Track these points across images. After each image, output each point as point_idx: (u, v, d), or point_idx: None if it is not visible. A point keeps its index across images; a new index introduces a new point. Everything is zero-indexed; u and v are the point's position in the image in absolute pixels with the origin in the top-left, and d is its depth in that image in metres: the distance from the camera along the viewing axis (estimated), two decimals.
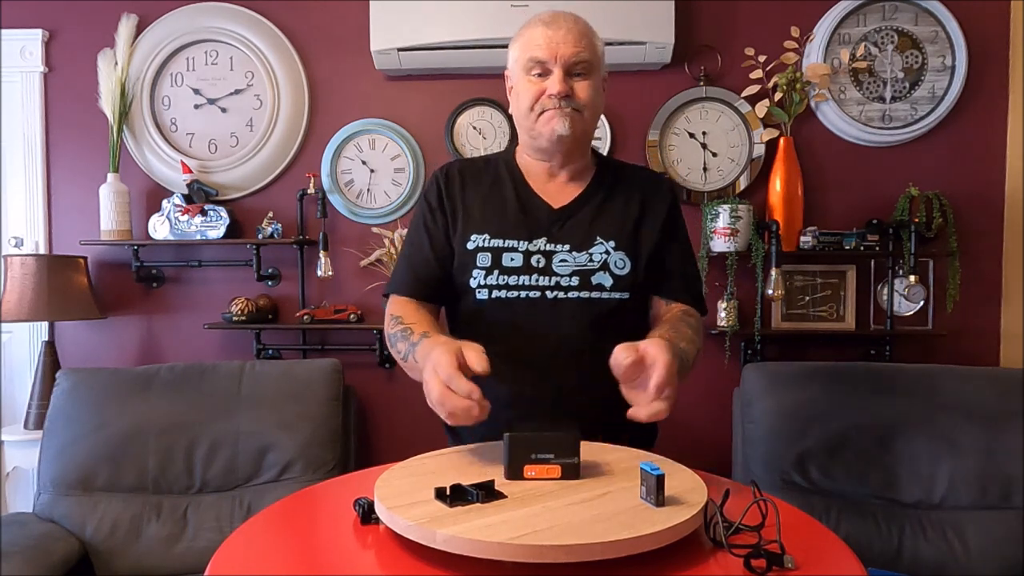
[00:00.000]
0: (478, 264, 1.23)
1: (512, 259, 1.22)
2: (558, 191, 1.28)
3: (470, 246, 1.24)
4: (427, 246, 1.28)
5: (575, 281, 1.21)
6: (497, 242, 1.23)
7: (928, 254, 2.30)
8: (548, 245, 1.23)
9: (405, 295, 1.28)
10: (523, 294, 1.21)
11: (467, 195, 1.29)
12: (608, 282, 1.22)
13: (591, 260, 1.22)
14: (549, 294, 1.21)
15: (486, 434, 1.06)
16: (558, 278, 1.21)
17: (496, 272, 1.22)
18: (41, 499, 1.96)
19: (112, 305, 2.51)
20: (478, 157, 1.40)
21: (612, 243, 1.23)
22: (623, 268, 1.23)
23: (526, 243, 1.23)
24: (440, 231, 1.28)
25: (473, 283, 1.23)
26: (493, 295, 1.22)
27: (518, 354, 1.18)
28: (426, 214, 1.30)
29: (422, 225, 1.30)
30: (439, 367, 0.94)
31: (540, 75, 1.20)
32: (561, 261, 1.22)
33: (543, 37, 1.19)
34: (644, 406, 0.94)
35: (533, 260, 1.22)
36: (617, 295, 1.22)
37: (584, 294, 1.21)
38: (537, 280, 1.21)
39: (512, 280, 1.21)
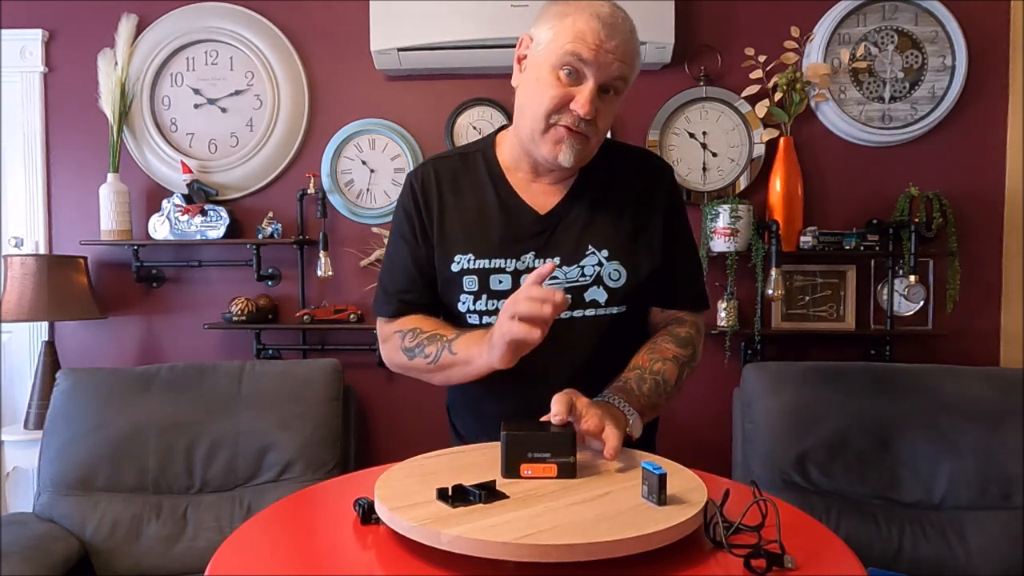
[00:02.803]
0: (465, 288, 1.16)
1: (500, 281, 1.15)
2: (544, 191, 1.19)
3: (455, 268, 1.16)
4: (411, 264, 1.21)
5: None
6: (483, 263, 1.15)
7: (928, 254, 2.30)
8: (536, 261, 1.14)
9: (396, 319, 1.23)
10: None
11: (445, 206, 1.19)
12: (603, 297, 1.15)
13: (583, 275, 1.14)
14: None
15: (487, 437, 1.06)
16: None
17: (484, 296, 1.15)
18: (41, 499, 1.96)
19: (112, 305, 2.51)
20: (455, 153, 1.26)
21: (605, 252, 1.15)
22: (618, 280, 1.15)
23: (513, 261, 1.15)
24: (421, 249, 1.20)
25: (462, 307, 1.17)
26: (483, 321, 1.16)
27: (512, 379, 1.12)
28: (404, 226, 1.21)
29: (402, 239, 1.22)
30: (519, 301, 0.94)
31: (571, 76, 1.06)
32: (551, 279, 1.14)
33: (595, 38, 1.04)
34: (607, 446, 0.94)
35: (522, 280, 1.09)
36: (613, 310, 1.16)
37: (578, 313, 1.14)
38: None
39: (502, 304, 1.11)
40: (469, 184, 1.21)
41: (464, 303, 1.17)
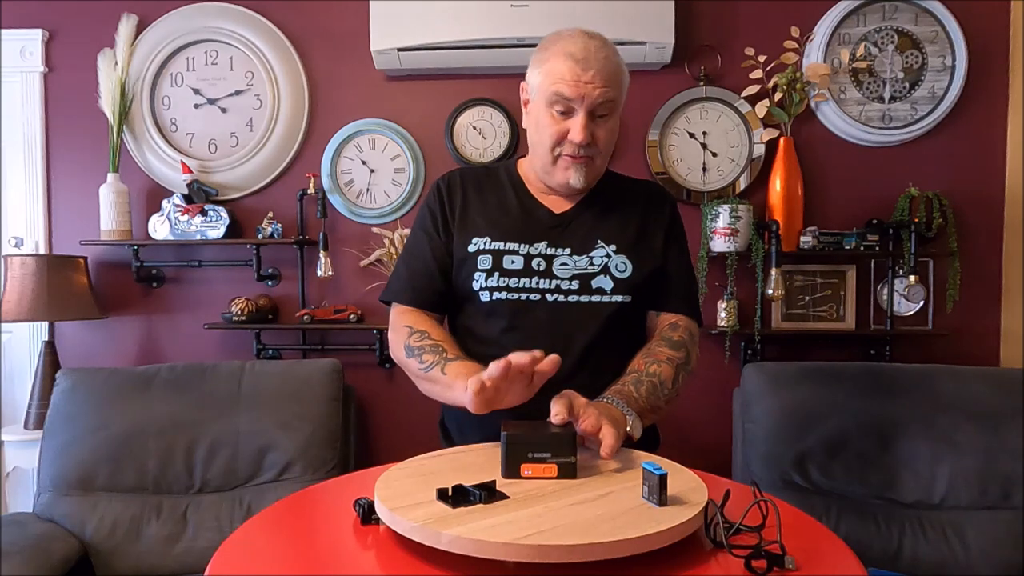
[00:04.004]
0: (479, 266, 1.23)
1: (513, 261, 1.22)
2: (559, 200, 1.29)
3: (471, 248, 1.24)
4: (428, 254, 1.28)
5: (575, 285, 1.21)
6: (498, 245, 1.23)
7: (928, 254, 2.30)
8: (549, 249, 1.23)
9: (409, 304, 1.28)
10: (523, 296, 1.21)
11: (468, 200, 1.29)
12: (608, 285, 1.22)
13: (591, 264, 1.23)
14: (549, 297, 1.21)
15: (481, 437, 1.07)
16: (558, 281, 1.21)
17: (497, 274, 1.22)
18: (41, 499, 1.96)
19: (112, 305, 2.51)
20: (479, 166, 1.41)
21: (613, 246, 1.24)
22: (624, 271, 1.23)
23: (527, 246, 1.23)
24: (441, 239, 1.28)
25: (475, 285, 1.23)
26: (494, 297, 1.22)
27: None
28: (427, 220, 1.30)
29: (423, 232, 1.30)
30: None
31: (563, 112, 1.18)
32: (562, 264, 1.22)
33: (571, 75, 1.15)
34: (604, 445, 0.94)
35: (534, 263, 1.22)
36: (618, 298, 1.22)
37: (584, 298, 1.21)
38: (537, 283, 1.21)
39: (512, 282, 1.22)
40: (491, 187, 1.32)
41: (477, 280, 1.23)
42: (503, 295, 1.22)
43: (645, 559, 0.73)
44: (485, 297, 1.23)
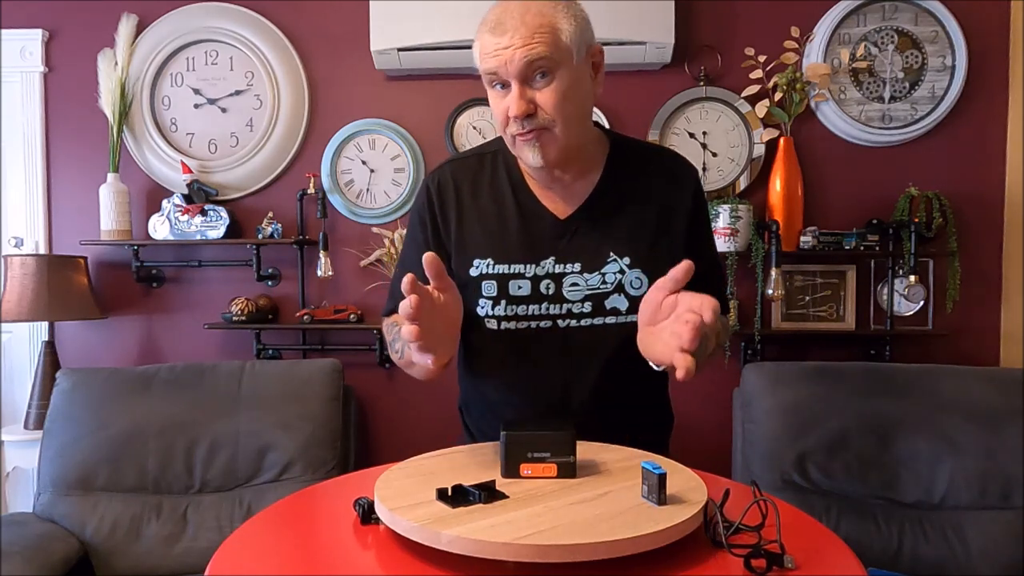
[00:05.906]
0: (484, 293, 1.15)
1: (520, 287, 1.14)
2: (564, 194, 1.17)
3: (473, 272, 1.16)
4: (417, 269, 1.20)
5: (587, 307, 1.13)
6: (502, 268, 1.14)
7: (928, 254, 2.30)
8: (557, 266, 1.14)
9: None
10: (533, 324, 1.14)
11: (463, 209, 1.18)
12: (624, 305, 1.13)
13: (604, 282, 1.13)
14: (561, 322, 1.14)
15: (492, 416, 1.06)
16: (569, 305, 1.13)
17: (504, 302, 1.14)
18: (41, 499, 1.96)
19: (112, 305, 2.51)
20: (472, 154, 1.25)
21: (627, 260, 1.13)
22: (640, 288, 1.12)
23: (533, 267, 1.14)
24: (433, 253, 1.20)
25: (480, 312, 1.16)
26: (502, 326, 1.15)
27: (532, 385, 1.15)
28: (418, 231, 1.22)
29: (414, 243, 1.22)
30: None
31: (503, 88, 1.07)
32: (572, 285, 1.13)
33: (491, 46, 1.04)
34: (677, 358, 0.86)
35: (542, 286, 1.13)
36: (634, 317, 1.11)
37: (598, 320, 1.13)
38: (547, 308, 1.14)
39: (521, 310, 1.14)
40: (488, 186, 1.20)
41: (483, 308, 1.15)
42: (512, 324, 1.14)
43: (644, 558, 0.73)
44: (492, 325, 1.15)
